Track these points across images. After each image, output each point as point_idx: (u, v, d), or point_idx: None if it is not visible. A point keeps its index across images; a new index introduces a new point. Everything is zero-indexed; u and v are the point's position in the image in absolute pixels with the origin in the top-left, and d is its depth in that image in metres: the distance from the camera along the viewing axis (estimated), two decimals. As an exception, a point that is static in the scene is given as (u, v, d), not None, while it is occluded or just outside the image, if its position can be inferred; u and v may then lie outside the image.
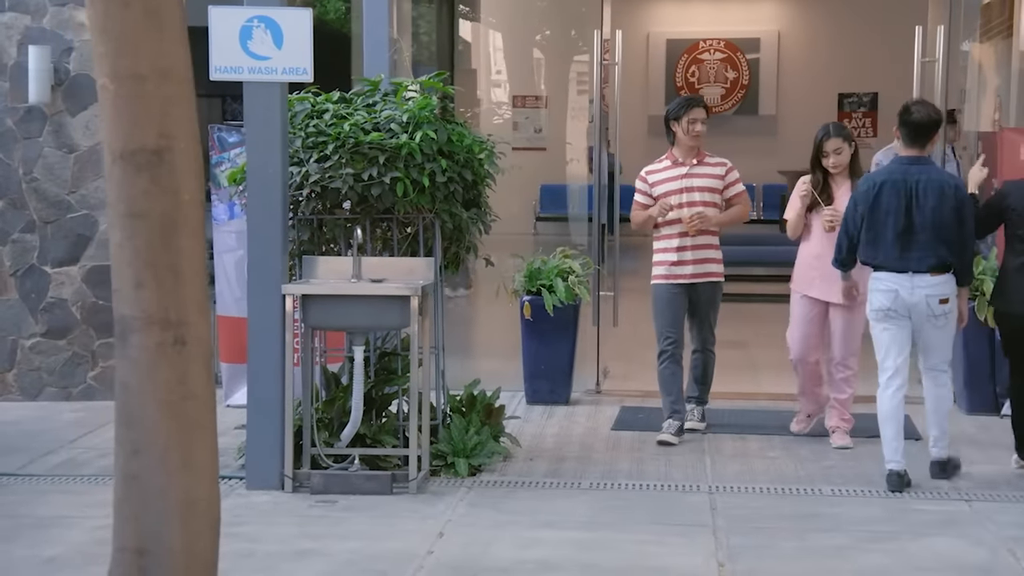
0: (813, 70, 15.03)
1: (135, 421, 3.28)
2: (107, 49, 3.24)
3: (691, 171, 6.28)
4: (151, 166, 3.24)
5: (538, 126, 12.47)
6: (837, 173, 6.00)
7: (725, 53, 15.33)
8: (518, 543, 4.58)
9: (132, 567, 3.26)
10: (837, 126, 6.13)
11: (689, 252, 6.26)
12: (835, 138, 5.99)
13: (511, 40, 14.77)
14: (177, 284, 3.28)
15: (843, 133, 6.03)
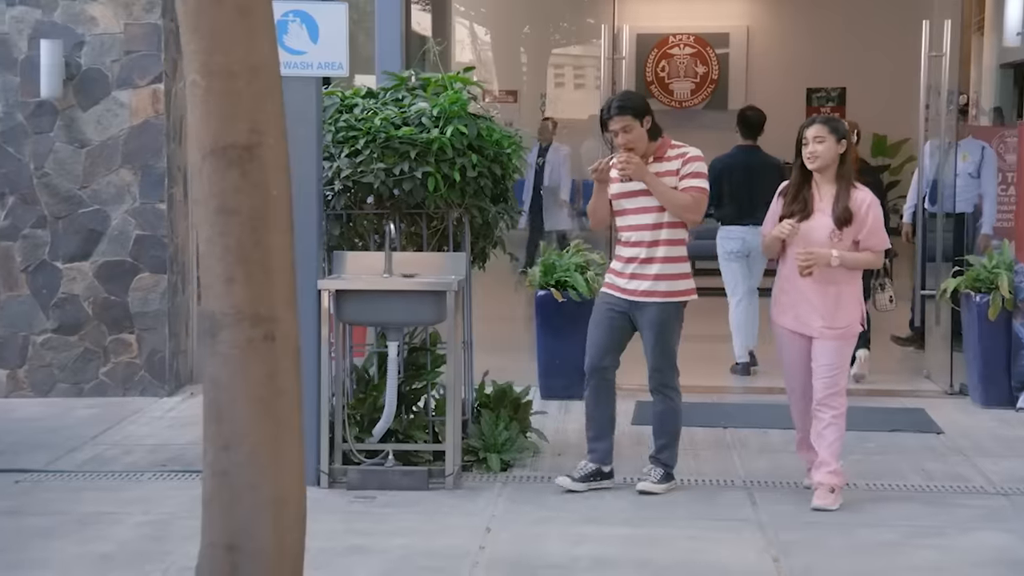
0: (782, 65, 15.19)
1: (225, 417, 3.27)
2: (199, 46, 3.23)
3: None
4: (242, 162, 3.24)
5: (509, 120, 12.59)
6: (816, 169, 5.04)
7: (695, 48, 15.45)
8: (567, 539, 4.61)
9: (223, 563, 3.25)
10: (827, 117, 5.36)
11: (636, 264, 5.24)
12: (817, 125, 5.10)
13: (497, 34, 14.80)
14: (267, 280, 3.27)
15: (831, 124, 5.14)
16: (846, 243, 5.03)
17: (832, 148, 5.06)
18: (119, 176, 7.18)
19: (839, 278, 5.03)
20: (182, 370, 7.43)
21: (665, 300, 5.22)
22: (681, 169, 5.27)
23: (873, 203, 5.07)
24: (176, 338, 7.32)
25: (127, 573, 4.25)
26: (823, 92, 15.61)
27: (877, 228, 5.09)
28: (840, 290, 5.03)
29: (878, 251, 5.12)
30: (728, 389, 7.31)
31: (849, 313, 5.06)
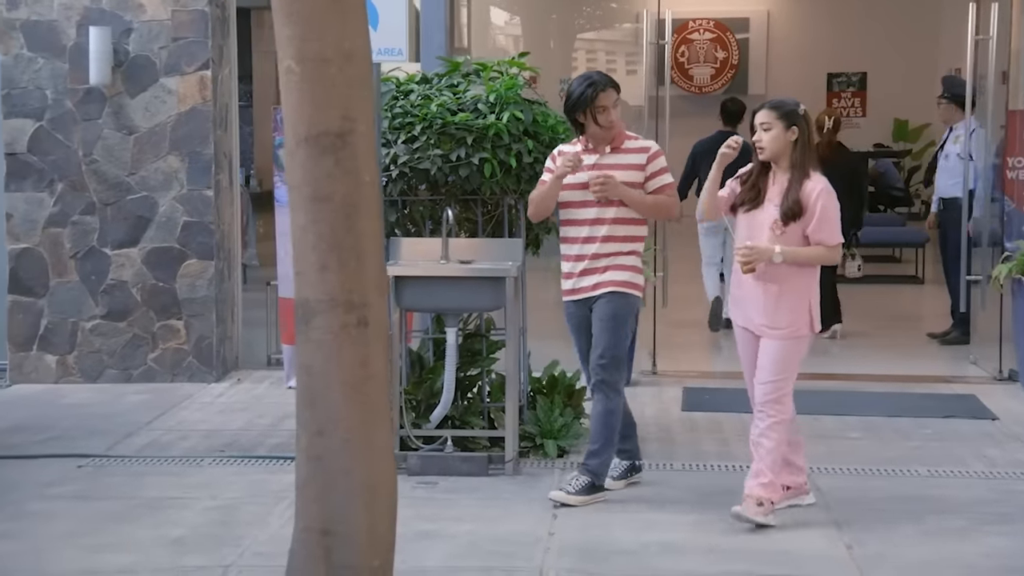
0: (802, 50, 15.16)
1: (318, 403, 3.29)
2: (293, 32, 3.24)
3: (602, 160, 5.00)
4: (335, 149, 3.25)
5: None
6: (765, 160, 4.66)
7: (715, 33, 15.42)
8: (633, 525, 4.63)
9: (317, 547, 3.27)
10: (777, 100, 4.80)
11: (589, 261, 4.96)
12: (764, 111, 4.68)
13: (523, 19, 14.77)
14: (359, 266, 3.29)
15: (779, 109, 4.65)
16: (792, 237, 4.59)
17: (780, 136, 4.63)
18: (167, 163, 7.19)
19: (782, 276, 4.59)
20: (228, 356, 7.46)
21: (616, 290, 4.93)
22: (648, 166, 5.00)
23: (824, 192, 4.59)
24: (223, 324, 7.35)
25: (203, 557, 4.28)
26: (843, 77, 15.59)
27: (827, 220, 4.58)
28: (782, 288, 4.60)
29: (831, 246, 4.61)
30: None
31: (792, 313, 4.61)
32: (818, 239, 4.60)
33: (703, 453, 5.67)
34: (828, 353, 7.90)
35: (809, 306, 4.66)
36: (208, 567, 4.18)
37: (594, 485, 4.95)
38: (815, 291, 4.71)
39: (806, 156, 4.64)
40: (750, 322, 4.72)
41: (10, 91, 7.17)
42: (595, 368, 4.96)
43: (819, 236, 4.60)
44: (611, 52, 15.07)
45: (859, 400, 6.61)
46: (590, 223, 4.98)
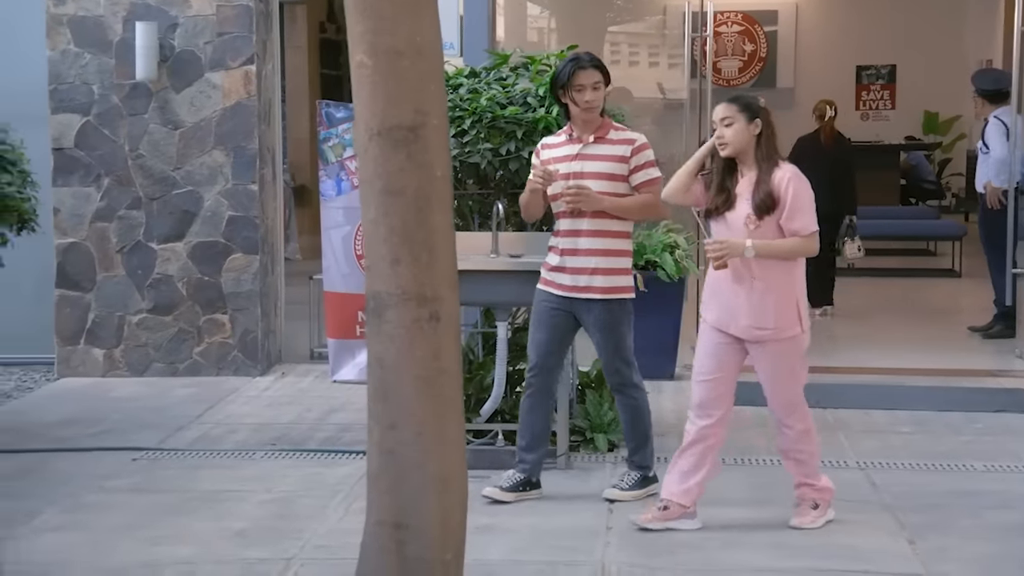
0: (831, 42, 15.08)
1: (391, 396, 3.30)
2: (366, 27, 3.25)
3: (584, 150, 4.83)
4: (407, 143, 3.26)
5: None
6: (728, 156, 4.44)
7: (743, 25, 15.35)
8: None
9: (389, 540, 3.28)
10: (738, 95, 4.57)
11: (572, 257, 4.80)
12: (724, 106, 4.48)
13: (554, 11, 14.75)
14: (431, 260, 3.29)
15: (740, 102, 4.46)
16: (768, 231, 4.37)
17: (743, 131, 4.42)
18: (212, 157, 7.22)
19: (765, 272, 4.37)
20: (272, 350, 7.48)
21: (607, 297, 4.78)
22: (632, 159, 4.81)
23: (794, 179, 4.38)
24: (267, 318, 7.37)
25: (264, 550, 4.29)
26: (873, 69, 15.51)
27: (799, 208, 4.36)
28: (768, 286, 4.38)
29: (806, 235, 4.38)
30: (820, 369, 7.27)
31: (779, 312, 4.38)
32: (792, 229, 4.38)
33: (753, 448, 5.66)
34: (873, 347, 7.87)
35: (796, 304, 4.43)
36: (270, 560, 4.20)
37: (645, 478, 4.97)
38: (802, 288, 4.49)
39: (771, 148, 4.45)
40: (732, 324, 4.44)
41: (57, 86, 7.21)
42: (609, 374, 4.92)
43: (792, 226, 4.38)
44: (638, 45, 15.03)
45: (907, 394, 6.58)
46: (574, 216, 4.81)
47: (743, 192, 4.43)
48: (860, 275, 11.23)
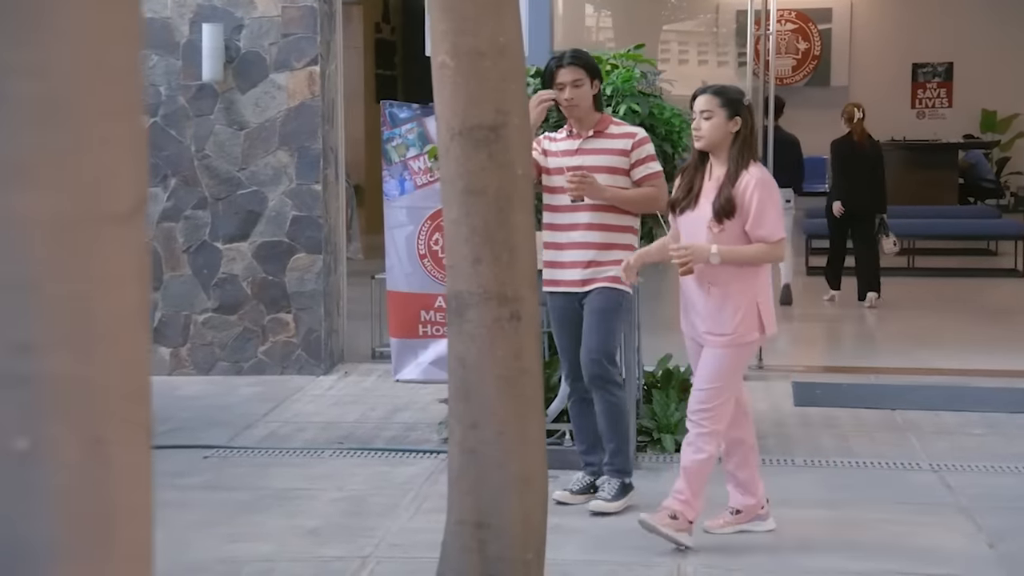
0: (886, 40, 14.94)
1: (473, 396, 3.30)
2: (448, 27, 3.25)
3: (584, 145, 4.75)
4: (488, 142, 3.26)
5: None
6: (702, 149, 4.31)
7: (796, 24, 15.24)
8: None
9: (471, 539, 3.28)
10: (716, 85, 4.46)
11: (574, 251, 4.71)
12: (706, 97, 4.33)
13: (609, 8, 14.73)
14: (512, 260, 3.29)
15: (723, 95, 4.30)
16: (731, 236, 4.20)
17: (721, 125, 4.25)
18: (276, 158, 7.28)
19: (722, 277, 4.22)
20: (335, 349, 7.53)
21: (606, 285, 4.67)
22: (633, 152, 4.74)
23: (759, 186, 4.19)
24: (330, 317, 7.42)
25: (339, 548, 4.32)
26: (929, 67, 15.36)
27: (763, 215, 4.18)
28: (726, 291, 4.22)
29: (772, 242, 4.21)
30: (887, 370, 7.21)
31: (737, 317, 4.21)
32: (758, 236, 4.20)
33: (822, 449, 5.62)
34: (938, 348, 7.78)
35: (757, 309, 4.25)
36: (346, 558, 4.22)
37: (625, 485, 4.79)
38: (764, 292, 4.31)
39: (746, 150, 4.26)
40: (693, 329, 4.34)
41: (124, 88, 7.29)
42: (587, 364, 4.69)
43: (758, 232, 4.20)
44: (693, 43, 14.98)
45: (977, 396, 6.50)
46: (572, 210, 4.72)
47: (707, 193, 4.27)
48: (920, 275, 11.13)
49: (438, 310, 7.13)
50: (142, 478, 1.09)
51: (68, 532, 1.01)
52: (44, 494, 0.99)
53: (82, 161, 0.99)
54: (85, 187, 1.00)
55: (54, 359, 0.98)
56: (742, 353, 4.31)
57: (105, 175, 1.01)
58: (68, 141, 0.99)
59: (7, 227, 0.96)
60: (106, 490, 1.03)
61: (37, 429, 0.98)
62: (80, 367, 0.99)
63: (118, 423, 1.03)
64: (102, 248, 1.00)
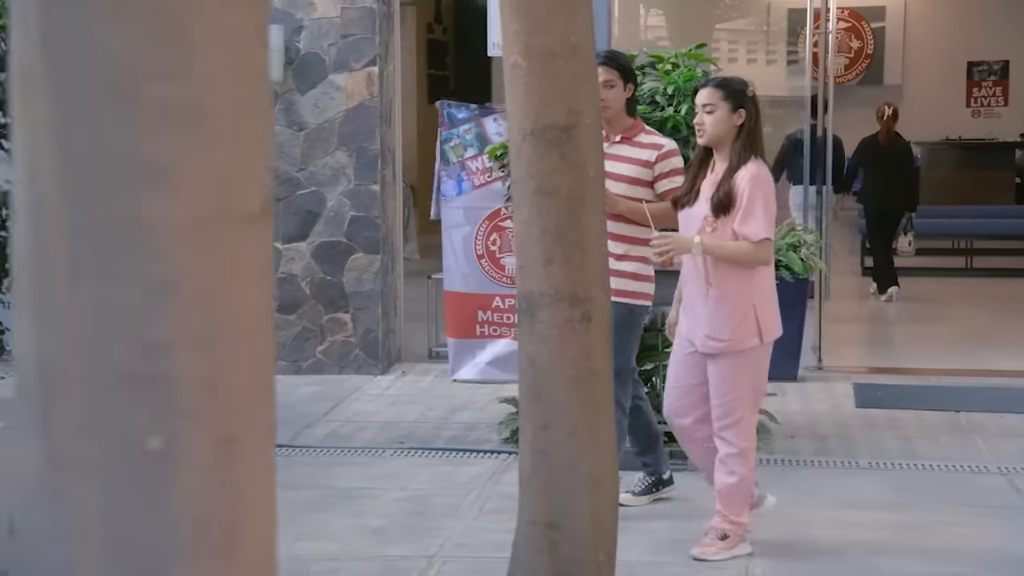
0: (941, 38, 14.76)
1: (543, 396, 3.30)
2: (520, 27, 3.25)
3: (609, 151, 4.49)
4: (560, 143, 3.25)
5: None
6: (706, 144, 4.18)
7: (849, 22, 15.10)
8: (833, 524, 4.55)
9: (542, 540, 3.28)
10: (719, 77, 4.42)
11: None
12: (708, 90, 4.21)
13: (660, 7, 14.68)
14: (584, 260, 3.28)
15: (725, 88, 4.17)
16: (723, 233, 4.08)
17: (725, 120, 4.10)
18: (335, 158, 7.31)
19: (717, 277, 4.10)
20: (392, 349, 7.56)
21: (615, 300, 4.29)
22: (657, 165, 4.62)
23: (752, 181, 4.05)
24: (388, 317, 7.45)
25: (405, 547, 4.34)
26: (984, 65, 15.16)
27: (750, 212, 4.03)
28: (722, 292, 4.09)
29: (755, 241, 4.04)
30: (950, 371, 7.13)
31: (733, 322, 4.08)
32: (742, 233, 4.05)
33: (886, 451, 5.56)
34: (1000, 349, 7.69)
35: (755, 314, 4.10)
36: (412, 557, 4.23)
37: (654, 480, 4.84)
38: (763, 295, 4.14)
39: (750, 144, 4.10)
40: (694, 334, 4.19)
41: (185, 89, 7.35)
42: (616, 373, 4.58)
43: (743, 229, 4.05)
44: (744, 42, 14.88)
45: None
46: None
47: (706, 189, 4.15)
48: (977, 275, 11.00)
49: (495, 310, 7.14)
50: (267, 478, 1.10)
51: (197, 531, 1.02)
52: (175, 493, 1.00)
53: (216, 161, 1.00)
54: (219, 187, 1.00)
55: (186, 359, 0.99)
56: (743, 361, 4.12)
57: (237, 175, 1.02)
58: (203, 142, 0.99)
59: (144, 227, 0.97)
60: (234, 490, 1.03)
61: (169, 429, 0.99)
62: (211, 367, 1.00)
63: (246, 423, 1.04)
64: (235, 247, 1.01)
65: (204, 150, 1.00)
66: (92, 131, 0.97)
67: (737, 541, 4.23)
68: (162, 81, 0.97)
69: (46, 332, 0.98)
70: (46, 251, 0.98)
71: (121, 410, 0.97)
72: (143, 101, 0.97)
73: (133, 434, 0.98)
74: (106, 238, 0.98)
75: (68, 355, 0.97)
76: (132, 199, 0.98)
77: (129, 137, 0.97)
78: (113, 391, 0.97)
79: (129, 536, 0.97)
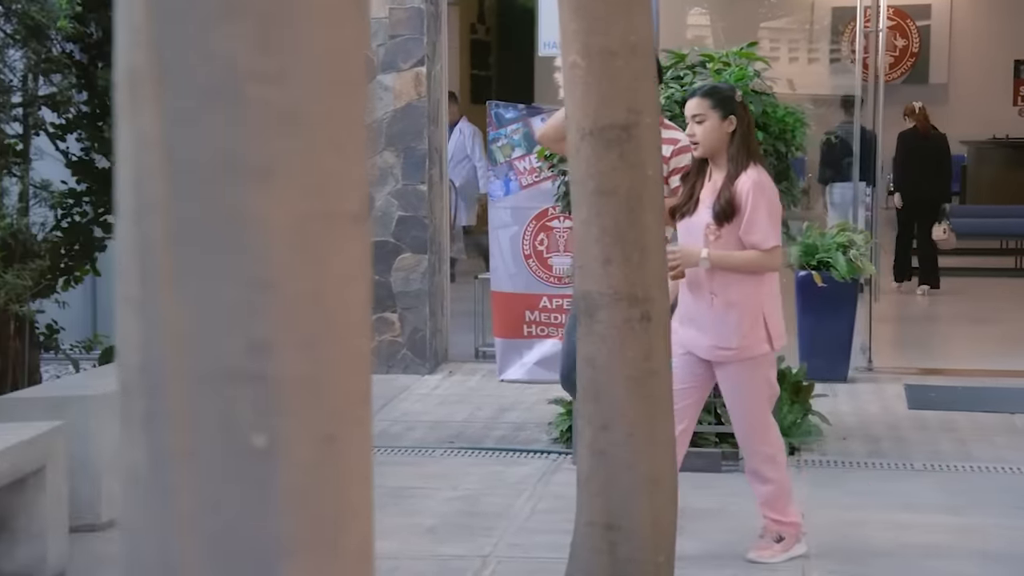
0: (987, 36, 14.58)
1: (603, 397, 3.29)
2: (579, 27, 3.24)
3: None
4: (620, 142, 3.24)
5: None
6: (701, 156, 4.12)
7: (894, 20, 14.93)
8: (888, 526, 4.51)
9: (601, 541, 3.27)
10: (706, 86, 4.38)
11: None
12: (696, 100, 4.13)
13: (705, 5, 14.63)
14: (643, 260, 3.27)
15: (714, 97, 4.11)
16: (729, 242, 4.02)
17: (716, 128, 4.05)
18: (383, 158, 7.34)
19: (720, 286, 4.04)
20: (439, 348, 7.57)
21: None
22: (672, 160, 4.53)
23: (755, 188, 3.99)
24: (435, 317, 7.47)
25: (459, 547, 4.34)
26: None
27: (756, 221, 3.98)
28: (727, 300, 4.03)
29: (765, 249, 4.00)
30: (1004, 372, 7.06)
31: (742, 330, 4.02)
32: (750, 242, 4.00)
33: (940, 453, 5.51)
34: None
35: (764, 320, 4.04)
36: (466, 556, 4.24)
37: None
38: (771, 302, 4.08)
39: (745, 149, 4.05)
40: (698, 346, 4.10)
41: (234, 90, 7.41)
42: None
43: (750, 239, 4.01)
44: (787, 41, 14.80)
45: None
46: None
47: (705, 198, 4.07)
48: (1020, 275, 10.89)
49: (543, 310, 7.14)
50: (366, 476, 1.10)
51: (299, 528, 1.02)
52: (278, 490, 1.00)
53: (317, 163, 1.00)
54: (320, 188, 1.01)
55: (289, 357, 1.00)
56: (755, 368, 4.07)
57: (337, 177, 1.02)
58: (304, 143, 1.00)
59: (248, 226, 0.98)
60: (335, 488, 1.04)
61: (272, 427, 1.00)
62: (313, 366, 1.01)
63: (346, 422, 1.04)
64: (335, 247, 1.02)
65: (306, 152, 1.01)
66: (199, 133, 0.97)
67: (793, 542, 4.21)
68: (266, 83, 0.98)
69: (151, 330, 0.99)
70: (152, 252, 0.99)
71: (226, 407, 0.98)
72: (248, 103, 0.97)
73: (238, 431, 0.99)
74: (210, 237, 0.98)
75: (173, 353, 0.98)
76: (236, 198, 0.99)
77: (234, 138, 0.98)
78: (218, 388, 0.98)
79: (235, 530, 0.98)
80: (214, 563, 0.99)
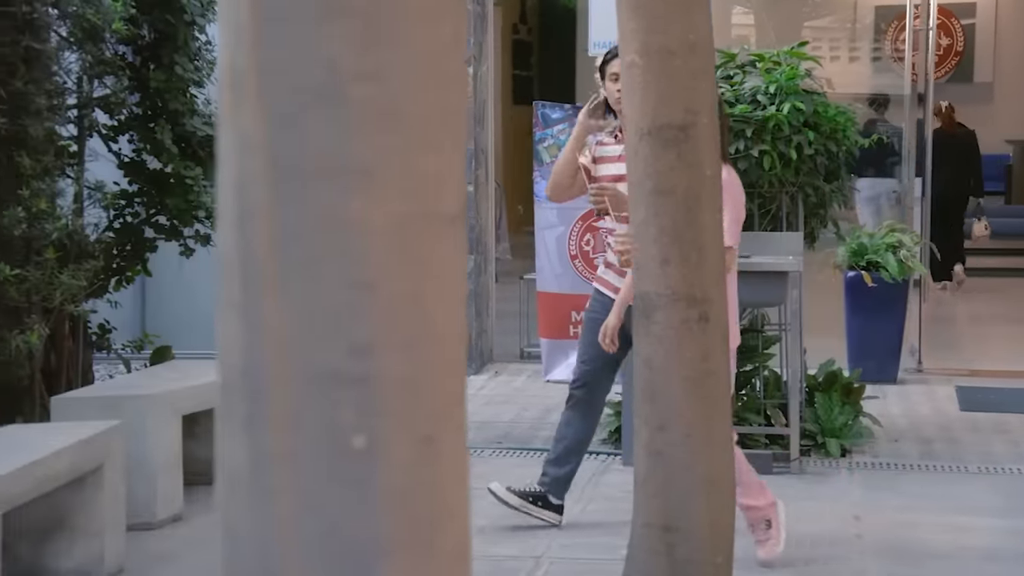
0: (1033, 35, 14.41)
1: (659, 397, 3.28)
2: (638, 25, 3.23)
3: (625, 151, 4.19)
4: (677, 142, 3.23)
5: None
6: None
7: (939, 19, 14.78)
8: (944, 529, 4.47)
9: (659, 543, 3.26)
10: None
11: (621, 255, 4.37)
12: None
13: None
14: (701, 260, 3.26)
15: None
16: None
17: None
18: (429, 159, 7.34)
19: None
20: (484, 349, 7.57)
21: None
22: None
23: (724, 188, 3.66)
24: (480, 318, 7.46)
25: (512, 547, 4.34)
26: (1079, 63, 14.79)
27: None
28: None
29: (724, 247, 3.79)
30: None
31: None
32: None
33: (995, 456, 5.45)
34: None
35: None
36: (520, 557, 4.24)
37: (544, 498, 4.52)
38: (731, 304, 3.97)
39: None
40: None
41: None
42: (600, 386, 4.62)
43: None
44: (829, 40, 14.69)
45: None
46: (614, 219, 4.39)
47: None
48: None
49: (589, 311, 7.12)
50: (463, 477, 1.10)
51: (397, 529, 1.02)
52: (377, 491, 1.00)
53: (417, 163, 1.00)
54: (419, 189, 1.01)
55: (389, 359, 1.00)
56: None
57: (437, 178, 1.02)
58: (404, 143, 1.00)
59: (348, 227, 0.98)
60: (433, 489, 1.04)
61: (372, 428, 1.00)
62: (412, 367, 1.01)
63: (443, 423, 1.04)
64: (434, 248, 1.01)
65: (405, 152, 1.00)
66: (300, 135, 0.98)
67: (777, 517, 4.14)
68: (367, 82, 0.98)
69: (253, 334, 0.99)
70: (254, 256, 0.99)
71: (328, 409, 0.98)
72: (350, 103, 0.97)
73: (339, 432, 0.99)
74: (312, 240, 0.99)
75: (275, 356, 0.98)
76: (337, 201, 0.99)
77: (335, 139, 0.98)
78: (320, 390, 0.98)
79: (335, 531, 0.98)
80: (314, 564, 0.99)
